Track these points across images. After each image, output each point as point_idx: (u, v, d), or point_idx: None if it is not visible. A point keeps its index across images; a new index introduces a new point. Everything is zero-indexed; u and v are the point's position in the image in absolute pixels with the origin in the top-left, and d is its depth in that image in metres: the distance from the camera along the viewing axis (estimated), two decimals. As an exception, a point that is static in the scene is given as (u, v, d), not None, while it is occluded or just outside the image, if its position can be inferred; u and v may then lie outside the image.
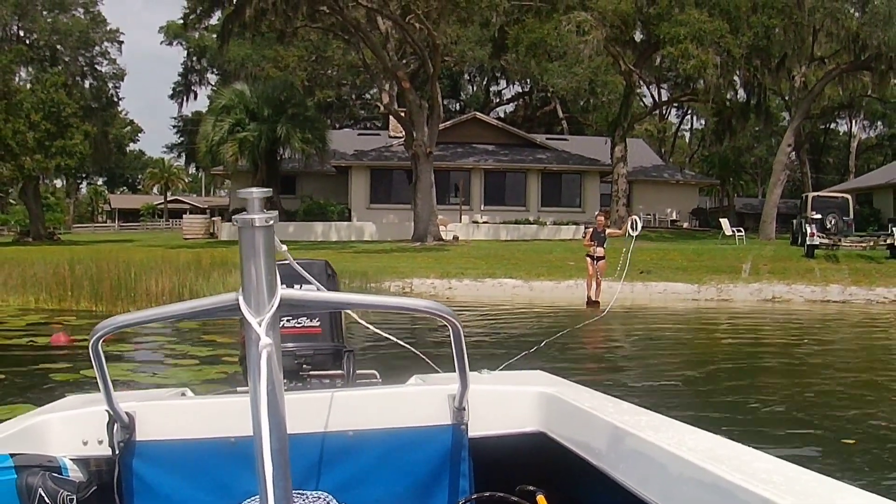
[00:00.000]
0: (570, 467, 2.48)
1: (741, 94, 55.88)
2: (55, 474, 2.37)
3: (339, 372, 3.90)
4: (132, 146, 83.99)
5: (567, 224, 47.90)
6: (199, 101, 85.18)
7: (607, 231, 22.69)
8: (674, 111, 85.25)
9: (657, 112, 71.22)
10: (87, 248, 34.81)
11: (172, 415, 2.67)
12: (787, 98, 57.57)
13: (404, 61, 47.93)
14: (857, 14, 45.97)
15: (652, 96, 61.46)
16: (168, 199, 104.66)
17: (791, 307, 24.50)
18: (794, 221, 41.24)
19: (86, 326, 15.27)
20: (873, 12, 44.81)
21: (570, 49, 45.86)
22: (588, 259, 22.35)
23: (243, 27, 43.57)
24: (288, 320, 3.77)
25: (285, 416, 1.72)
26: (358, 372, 3.98)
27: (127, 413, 2.53)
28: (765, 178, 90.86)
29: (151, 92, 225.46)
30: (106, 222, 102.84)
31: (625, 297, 24.31)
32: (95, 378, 2.10)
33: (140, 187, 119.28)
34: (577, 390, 2.87)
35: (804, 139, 77.45)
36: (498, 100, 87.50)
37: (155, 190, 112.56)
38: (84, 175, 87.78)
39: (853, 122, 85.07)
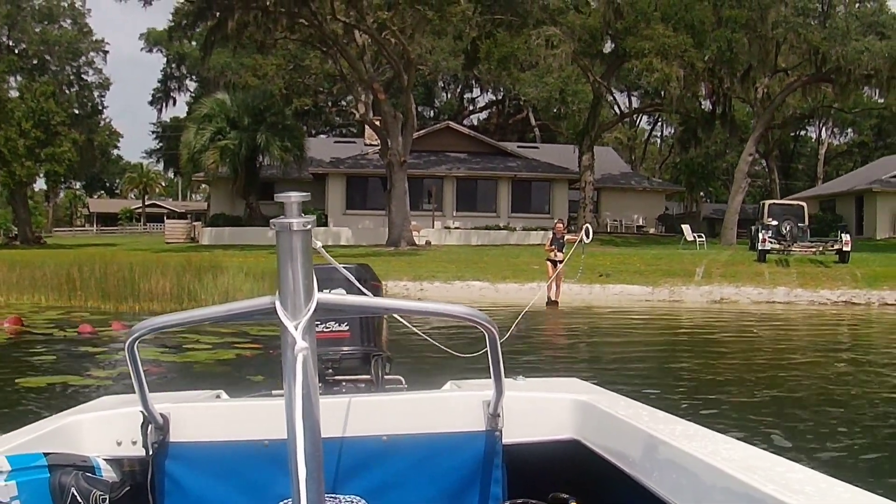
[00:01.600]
0: (603, 475, 2.48)
1: (707, 103, 57.51)
2: (88, 474, 2.40)
3: (366, 377, 3.91)
4: (113, 152, 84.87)
5: (536, 230, 49.55)
6: (179, 108, 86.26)
7: (565, 237, 24.55)
8: (645, 118, 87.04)
9: (627, 120, 73.14)
10: (76, 252, 36.09)
11: (206, 417, 2.69)
12: (753, 107, 59.34)
13: (379, 70, 49.63)
14: (818, 28, 47.56)
15: (618, 107, 63.41)
16: (146, 203, 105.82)
17: (736, 307, 26.37)
18: (752, 227, 42.91)
19: (98, 321, 17.15)
20: (833, 27, 46.67)
21: (539, 62, 47.62)
22: (549, 263, 24.28)
23: (225, 39, 45.10)
24: (317, 324, 4.30)
25: (319, 419, 1.74)
26: (386, 377, 3.97)
27: (161, 414, 2.55)
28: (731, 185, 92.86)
29: (130, 97, 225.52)
30: (84, 226, 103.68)
31: (582, 298, 26.29)
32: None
33: (118, 192, 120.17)
34: (611, 398, 2.88)
35: (772, 147, 79.25)
36: (472, 107, 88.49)
37: (131, 194, 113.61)
38: (70, 181, 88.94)
39: (821, 129, 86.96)
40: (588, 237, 19.80)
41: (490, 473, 2.65)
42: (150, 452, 2.54)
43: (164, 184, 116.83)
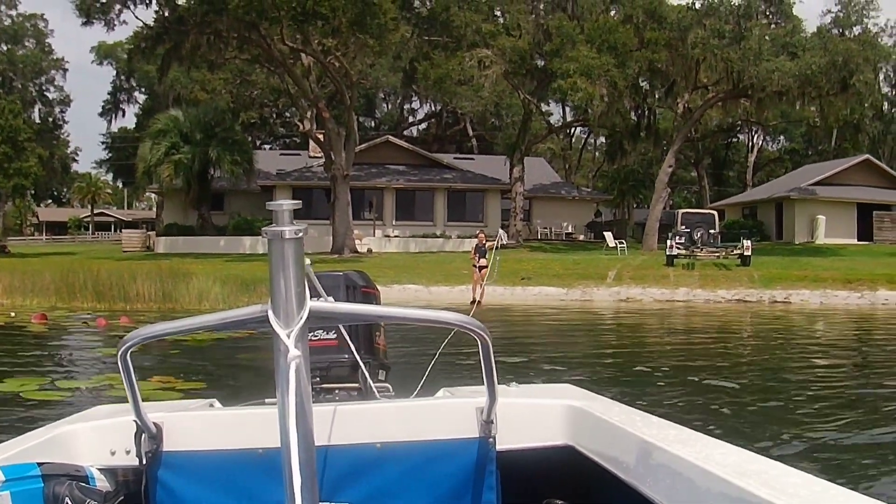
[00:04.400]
0: (597, 481, 2.46)
1: (633, 116, 60.26)
2: (82, 484, 2.38)
3: (355, 385, 3.88)
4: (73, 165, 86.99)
5: (470, 237, 51.77)
6: (128, 119, 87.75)
7: (486, 244, 28.23)
8: (579, 129, 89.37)
9: (562, 131, 75.90)
10: (46, 260, 39.37)
11: (200, 426, 2.68)
12: (675, 121, 61.49)
13: (322, 84, 52.67)
14: (734, 49, 50.16)
15: (549, 120, 66.44)
16: (94, 212, 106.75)
17: (639, 306, 30.11)
18: (670, 234, 45.96)
19: (108, 317, 20.73)
20: (746, 48, 49.57)
21: (473, 81, 50.64)
22: (473, 268, 28.00)
23: (180, 60, 48.08)
24: None
25: (313, 427, 1.75)
26: (374, 385, 3.84)
27: (154, 423, 2.53)
28: (670, 192, 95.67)
29: (76, 107, 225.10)
30: (34, 235, 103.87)
31: (505, 298, 29.88)
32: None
33: (65, 200, 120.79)
34: (605, 404, 2.87)
35: (702, 155, 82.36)
36: (412, 118, 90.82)
37: (77, 203, 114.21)
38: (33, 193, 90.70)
39: (753, 138, 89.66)
40: (504, 240, 23.37)
41: (484, 480, 2.64)
42: (144, 462, 2.53)
43: (109, 191, 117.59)
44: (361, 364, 3.72)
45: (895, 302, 31.42)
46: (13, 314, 21.13)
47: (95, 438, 2.67)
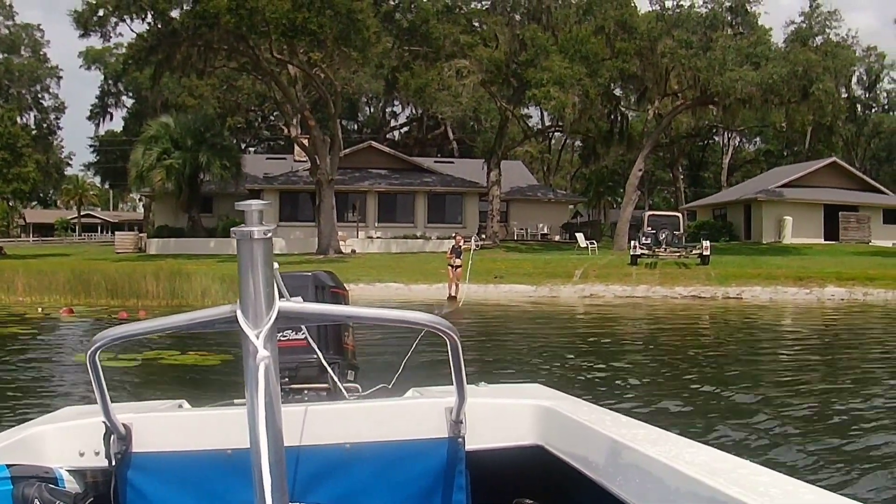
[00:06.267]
0: (567, 481, 2.47)
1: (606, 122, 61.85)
2: (52, 485, 2.36)
3: (324, 385, 3.86)
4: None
5: (449, 238, 53.62)
6: (115, 122, 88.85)
7: (462, 246, 30.87)
8: (558, 133, 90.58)
9: (539, 136, 77.52)
10: (43, 261, 41.68)
11: (169, 427, 2.66)
12: (645, 127, 62.34)
13: (307, 91, 54.78)
14: (701, 58, 51.98)
15: (527, 125, 68.13)
16: (81, 214, 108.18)
17: (602, 301, 32.55)
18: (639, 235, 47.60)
19: (115, 310, 23.10)
20: (712, 59, 51.48)
21: (452, 89, 52.61)
22: (449, 267, 30.66)
23: (172, 70, 50.44)
24: None
25: (282, 428, 1.75)
26: (343, 385, 3.80)
27: (124, 424, 2.51)
28: (648, 193, 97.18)
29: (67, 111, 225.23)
30: (21, 236, 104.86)
31: (479, 295, 32.34)
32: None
33: (51, 202, 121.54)
34: (574, 403, 2.88)
35: (677, 158, 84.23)
36: (394, 121, 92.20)
37: (59, 204, 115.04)
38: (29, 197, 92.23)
39: (728, 141, 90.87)
40: (477, 244, 25.88)
41: (454, 480, 2.62)
42: (113, 463, 2.51)
43: (93, 192, 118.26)
44: (327, 366, 3.69)
45: (839, 297, 33.54)
46: (40, 309, 23.79)
47: (64, 440, 2.65)
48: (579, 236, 52.10)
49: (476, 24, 57.16)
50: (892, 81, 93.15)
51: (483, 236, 53.72)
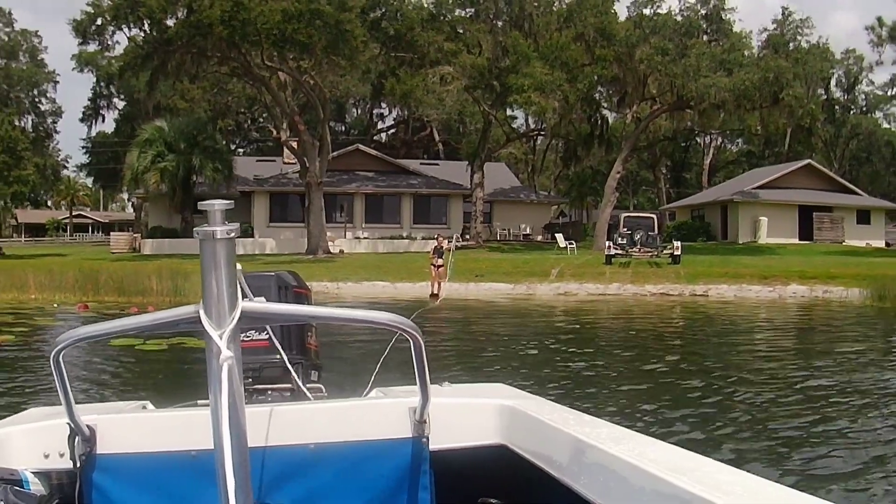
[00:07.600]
0: (531, 480, 2.47)
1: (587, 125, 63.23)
2: (17, 488, 2.33)
3: (287, 386, 3.85)
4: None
5: (434, 238, 55.71)
6: (107, 124, 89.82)
7: (444, 247, 32.89)
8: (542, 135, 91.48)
9: (521, 139, 78.83)
10: (42, 261, 43.16)
11: (133, 428, 2.63)
12: (623, 130, 64.39)
13: (296, 95, 56.20)
14: (676, 64, 53.40)
15: (510, 128, 69.39)
16: (72, 214, 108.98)
17: (575, 299, 34.38)
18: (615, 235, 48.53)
19: (125, 307, 24.82)
20: (687, 65, 53.07)
21: (436, 95, 54.22)
22: (432, 267, 32.76)
23: (166, 76, 52.19)
24: None
25: (246, 429, 1.76)
26: (306, 386, 3.74)
27: (88, 426, 2.48)
28: (632, 193, 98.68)
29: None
30: (12, 236, 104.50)
31: (461, 293, 34.17)
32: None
33: (42, 202, 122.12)
34: (538, 403, 2.88)
35: (658, 159, 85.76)
36: (381, 123, 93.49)
37: (50, 204, 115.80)
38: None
39: (709, 142, 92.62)
40: (457, 245, 27.78)
41: (418, 480, 2.61)
42: (78, 465, 2.48)
43: (83, 193, 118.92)
44: (290, 367, 3.66)
45: (801, 294, 35.14)
46: (56, 305, 25.58)
47: (29, 441, 2.61)
48: (559, 236, 53.39)
49: (460, 31, 58.34)
50: (869, 83, 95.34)
51: (466, 236, 55.49)
